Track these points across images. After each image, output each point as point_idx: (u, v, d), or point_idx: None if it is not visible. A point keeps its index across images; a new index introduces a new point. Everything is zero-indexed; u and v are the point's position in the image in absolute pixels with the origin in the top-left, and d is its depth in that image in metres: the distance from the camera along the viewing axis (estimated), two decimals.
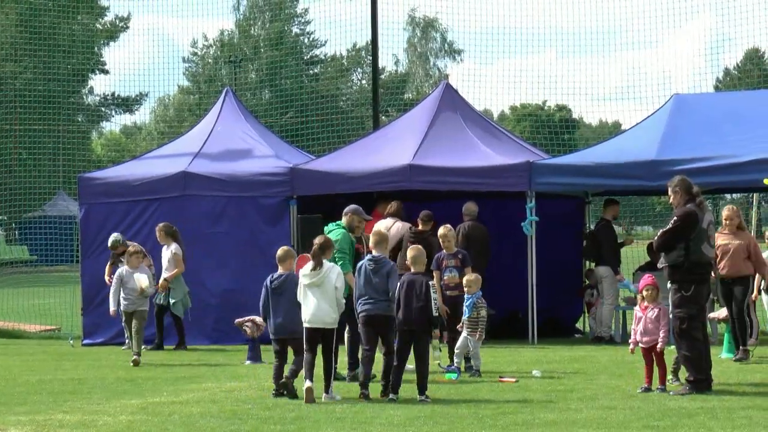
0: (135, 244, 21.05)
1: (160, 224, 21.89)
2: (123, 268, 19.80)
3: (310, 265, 14.45)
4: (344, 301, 14.51)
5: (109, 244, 22.00)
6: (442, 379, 15.53)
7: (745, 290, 17.63)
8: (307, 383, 14.04)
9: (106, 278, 21.73)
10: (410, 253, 14.90)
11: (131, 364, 18.71)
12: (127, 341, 20.77)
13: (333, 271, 14.40)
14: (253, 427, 12.26)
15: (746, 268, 17.56)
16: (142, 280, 19.40)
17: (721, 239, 17.14)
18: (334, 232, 16.24)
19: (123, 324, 20.67)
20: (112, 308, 19.83)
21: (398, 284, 14.46)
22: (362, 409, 13.42)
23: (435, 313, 14.29)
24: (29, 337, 25.88)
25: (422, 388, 14.11)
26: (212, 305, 22.00)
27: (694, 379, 14.48)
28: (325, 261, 14.40)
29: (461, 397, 14.34)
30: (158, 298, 21.43)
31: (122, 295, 19.49)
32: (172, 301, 21.42)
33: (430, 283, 14.61)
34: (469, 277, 16.79)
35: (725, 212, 18.00)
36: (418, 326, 14.35)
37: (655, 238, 15.43)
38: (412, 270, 14.71)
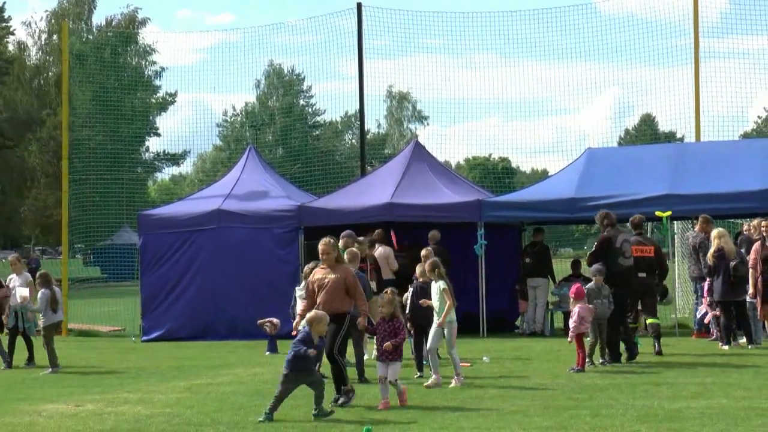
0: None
1: (13, 256, 19.81)
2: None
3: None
4: None
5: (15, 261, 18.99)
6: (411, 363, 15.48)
7: (338, 329, 12.29)
8: None
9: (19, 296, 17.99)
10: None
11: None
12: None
13: None
14: None
15: (343, 305, 12.31)
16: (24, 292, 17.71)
17: (318, 273, 12.61)
18: None
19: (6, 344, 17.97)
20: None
21: None
22: (356, 387, 13.38)
23: None
24: (101, 336, 25.81)
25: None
26: (240, 309, 21.94)
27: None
28: None
29: (428, 376, 14.32)
30: (11, 321, 18.10)
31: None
32: (27, 325, 18.05)
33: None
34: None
35: (320, 246, 12.53)
36: None
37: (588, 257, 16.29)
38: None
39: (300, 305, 14.50)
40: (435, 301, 14.00)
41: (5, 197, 63.18)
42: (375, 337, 12.49)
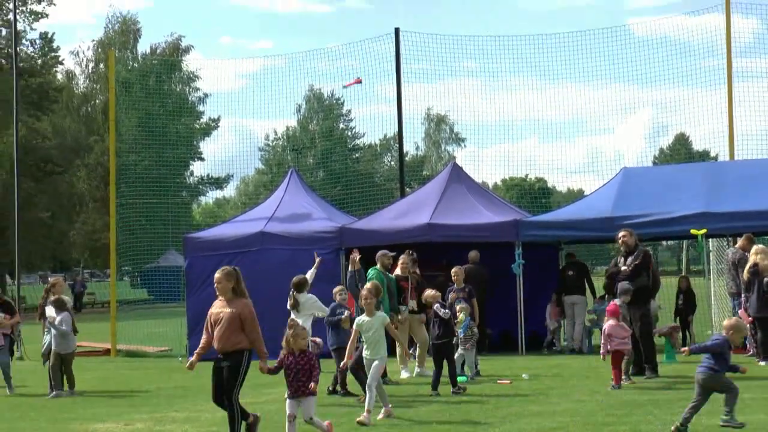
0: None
1: (56, 278, 18.91)
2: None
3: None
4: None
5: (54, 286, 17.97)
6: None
7: (236, 370, 11.19)
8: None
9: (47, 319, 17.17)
10: None
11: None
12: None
13: (309, 300, 15.38)
14: None
15: (239, 342, 11.15)
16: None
17: (215, 307, 11.37)
18: (372, 272, 16.54)
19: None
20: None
21: None
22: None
23: None
24: (148, 356, 25.95)
25: None
26: (283, 329, 21.93)
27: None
28: (301, 295, 15.32)
29: (469, 394, 14.32)
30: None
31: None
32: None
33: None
34: (463, 305, 16.71)
35: (216, 275, 11.44)
36: None
37: (625, 269, 15.98)
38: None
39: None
40: (370, 334, 13.10)
41: (55, 221, 63.91)
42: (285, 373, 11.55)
